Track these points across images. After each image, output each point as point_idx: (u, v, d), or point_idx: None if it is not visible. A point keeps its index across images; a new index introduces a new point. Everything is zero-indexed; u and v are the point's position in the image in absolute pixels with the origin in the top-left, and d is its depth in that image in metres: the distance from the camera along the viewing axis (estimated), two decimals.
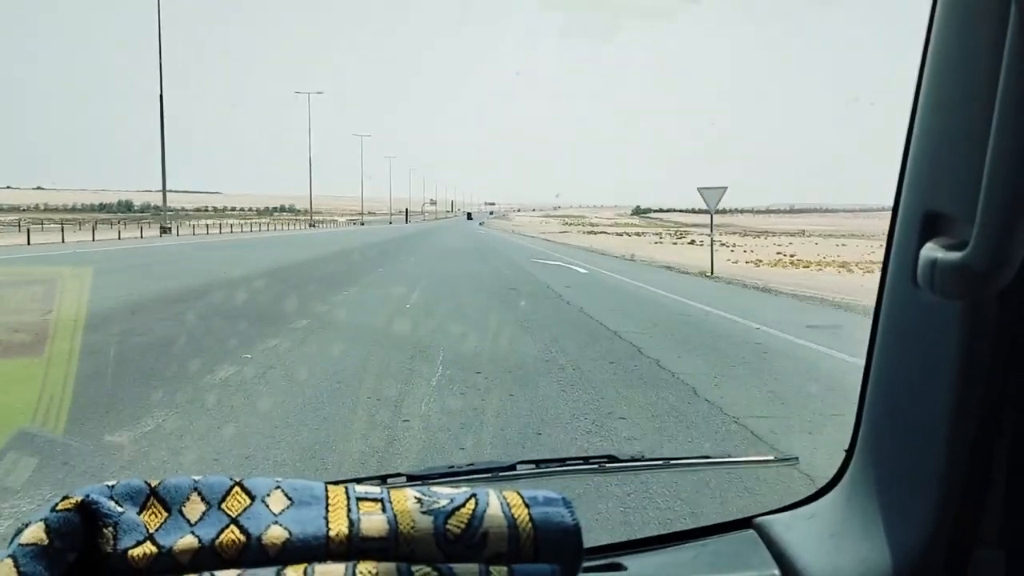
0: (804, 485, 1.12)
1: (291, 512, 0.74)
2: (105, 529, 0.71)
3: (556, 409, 6.32)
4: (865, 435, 1.06)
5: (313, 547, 0.71)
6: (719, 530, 1.29)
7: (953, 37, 0.84)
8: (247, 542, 0.71)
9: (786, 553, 1.12)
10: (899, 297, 0.96)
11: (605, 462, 1.50)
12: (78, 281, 15.58)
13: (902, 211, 0.93)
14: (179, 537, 0.72)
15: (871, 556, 0.96)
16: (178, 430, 5.58)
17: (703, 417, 6.14)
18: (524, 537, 0.74)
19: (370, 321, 11.79)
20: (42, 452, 4.97)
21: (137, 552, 0.71)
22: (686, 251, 39.78)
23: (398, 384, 7.09)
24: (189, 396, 6.57)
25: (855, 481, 1.08)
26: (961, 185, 0.80)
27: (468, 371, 7.76)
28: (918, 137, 0.91)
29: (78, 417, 5.73)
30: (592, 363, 8.35)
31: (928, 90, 0.89)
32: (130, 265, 22.47)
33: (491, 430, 5.72)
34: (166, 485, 0.77)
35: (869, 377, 1.04)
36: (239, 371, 7.53)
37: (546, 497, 0.79)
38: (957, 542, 0.90)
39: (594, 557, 1.19)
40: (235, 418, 5.93)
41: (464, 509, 0.75)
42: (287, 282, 17.35)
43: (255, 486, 0.77)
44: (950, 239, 0.81)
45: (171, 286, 15.70)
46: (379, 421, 5.90)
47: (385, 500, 0.77)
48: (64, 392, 6.50)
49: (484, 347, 9.36)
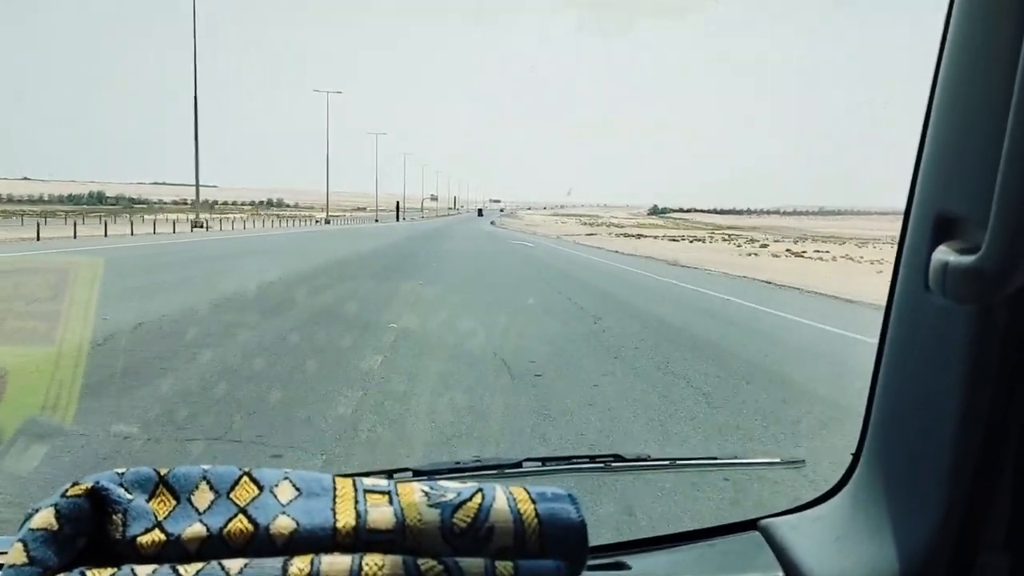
0: (810, 488, 1.11)
1: (299, 503, 0.75)
2: (114, 515, 0.72)
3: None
4: (872, 439, 1.06)
5: (320, 538, 0.72)
6: (724, 531, 1.29)
7: (969, 39, 0.84)
8: (255, 531, 0.72)
9: (791, 555, 1.12)
10: (910, 300, 0.95)
11: (611, 461, 1.50)
12: (91, 270, 15.64)
13: (914, 213, 0.93)
14: (187, 525, 0.73)
15: (876, 560, 0.96)
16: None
17: None
18: (530, 532, 0.75)
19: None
20: (52, 440, 5.01)
21: (146, 539, 0.72)
22: (818, 268, 27.48)
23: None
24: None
25: (861, 485, 1.07)
26: (974, 188, 0.80)
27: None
28: (932, 139, 0.91)
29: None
30: None
31: (943, 92, 0.89)
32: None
33: None
34: (175, 474, 0.77)
35: (877, 380, 1.04)
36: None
37: (552, 493, 0.79)
38: (963, 547, 0.89)
39: (598, 555, 1.19)
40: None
41: (471, 503, 0.76)
42: None
43: (263, 476, 0.77)
44: (962, 242, 0.81)
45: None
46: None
47: (392, 493, 0.77)
48: (74, 380, 6.54)
49: None
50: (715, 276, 22.86)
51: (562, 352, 8.83)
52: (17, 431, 5.15)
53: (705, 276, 22.88)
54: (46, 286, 12.60)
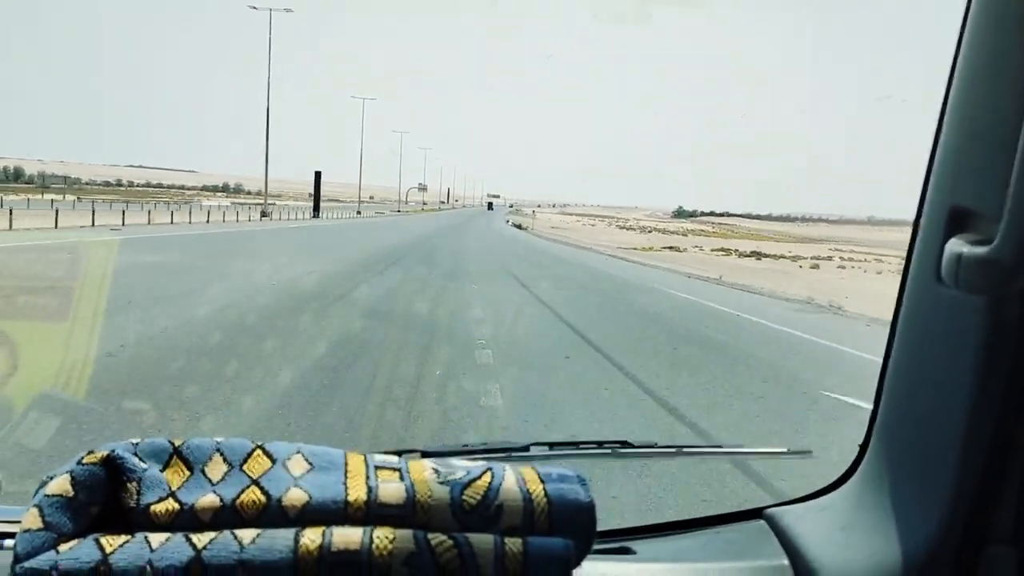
0: (816, 478, 1.12)
1: (311, 476, 0.76)
2: (129, 484, 0.73)
3: None
4: (880, 430, 1.06)
5: (332, 511, 0.73)
6: (730, 519, 1.30)
7: (987, 34, 0.84)
8: (267, 503, 0.73)
9: (796, 544, 1.12)
10: (921, 292, 0.95)
11: (619, 447, 1.50)
12: (105, 250, 15.56)
13: (928, 206, 0.93)
14: (201, 495, 0.74)
15: (881, 550, 0.96)
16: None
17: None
18: (539, 511, 0.75)
19: None
20: (64, 414, 5.07)
21: (159, 508, 0.73)
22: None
23: None
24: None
25: (868, 475, 1.08)
26: (989, 180, 0.80)
27: None
28: (947, 131, 0.91)
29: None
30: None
31: (959, 85, 0.88)
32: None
33: None
34: (189, 445, 0.78)
35: (887, 371, 1.04)
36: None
37: (561, 474, 0.80)
38: (969, 539, 0.89)
39: (604, 540, 1.20)
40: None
41: (480, 481, 0.77)
42: None
43: (276, 450, 0.78)
44: (976, 234, 0.81)
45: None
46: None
47: (403, 469, 0.78)
48: (87, 356, 6.60)
49: None
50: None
51: None
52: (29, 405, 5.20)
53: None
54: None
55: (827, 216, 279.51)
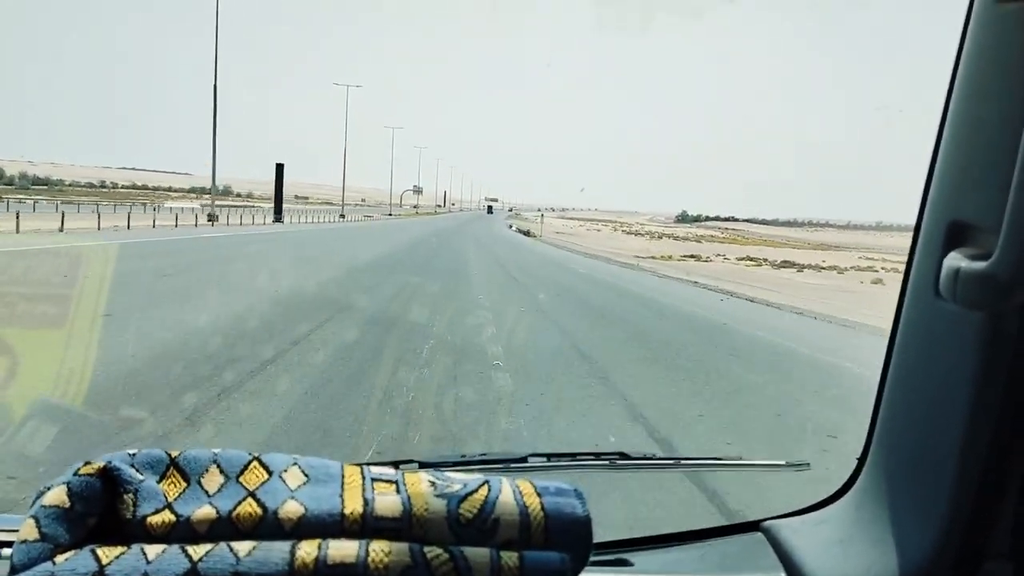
0: (814, 491, 1.11)
1: (307, 488, 0.76)
2: (125, 495, 0.73)
3: None
4: (878, 443, 1.06)
5: (328, 524, 0.72)
6: (727, 531, 1.29)
7: (986, 47, 0.84)
8: (263, 515, 0.72)
9: (793, 557, 1.12)
10: (920, 306, 0.95)
11: (616, 459, 1.50)
12: (103, 254, 15.51)
13: (927, 220, 0.93)
14: (197, 507, 0.73)
15: (879, 564, 0.96)
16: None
17: None
18: (535, 525, 0.75)
19: None
20: (62, 422, 5.05)
21: (156, 519, 0.72)
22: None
23: None
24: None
25: (866, 489, 1.08)
26: (988, 195, 0.80)
27: None
28: (946, 146, 0.91)
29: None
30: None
31: (958, 99, 0.89)
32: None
33: None
34: (186, 456, 0.78)
35: (885, 385, 1.04)
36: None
37: (558, 488, 0.79)
38: (967, 555, 0.89)
39: (601, 552, 1.19)
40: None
41: (477, 495, 0.76)
42: None
43: (273, 461, 0.78)
44: (975, 249, 0.81)
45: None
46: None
47: (400, 482, 0.78)
48: (85, 363, 6.58)
49: None
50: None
51: None
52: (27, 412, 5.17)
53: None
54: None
55: (834, 221, 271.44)
